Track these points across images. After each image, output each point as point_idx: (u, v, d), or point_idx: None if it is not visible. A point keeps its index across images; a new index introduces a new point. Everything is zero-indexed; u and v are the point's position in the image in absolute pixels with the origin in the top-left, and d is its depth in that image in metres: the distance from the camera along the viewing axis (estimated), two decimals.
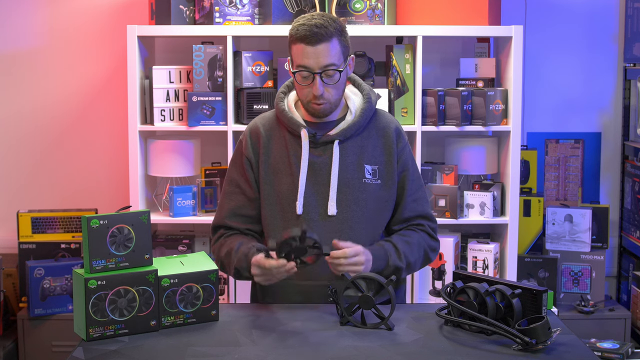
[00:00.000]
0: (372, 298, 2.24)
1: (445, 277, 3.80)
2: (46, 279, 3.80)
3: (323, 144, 2.49)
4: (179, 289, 2.27)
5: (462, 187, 3.84)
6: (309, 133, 2.48)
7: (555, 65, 4.25)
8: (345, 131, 2.49)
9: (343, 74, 2.43)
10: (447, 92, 3.74)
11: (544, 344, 2.06)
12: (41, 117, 4.19)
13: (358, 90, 2.58)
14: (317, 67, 2.38)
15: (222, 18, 3.70)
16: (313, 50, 2.36)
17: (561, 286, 4.08)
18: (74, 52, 4.16)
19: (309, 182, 2.48)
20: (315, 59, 2.37)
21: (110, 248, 2.19)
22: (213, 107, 3.69)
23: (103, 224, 2.17)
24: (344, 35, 2.43)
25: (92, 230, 2.16)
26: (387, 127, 2.55)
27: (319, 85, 2.39)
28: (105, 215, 2.19)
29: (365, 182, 2.50)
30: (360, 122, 2.50)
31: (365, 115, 2.51)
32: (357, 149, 2.51)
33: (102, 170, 4.22)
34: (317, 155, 2.49)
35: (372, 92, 2.56)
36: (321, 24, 2.36)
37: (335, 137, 2.48)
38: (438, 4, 3.71)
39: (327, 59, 2.37)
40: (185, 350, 2.10)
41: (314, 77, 2.39)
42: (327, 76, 2.39)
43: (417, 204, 2.59)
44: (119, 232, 2.19)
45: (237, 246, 2.49)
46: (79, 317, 2.17)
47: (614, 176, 4.30)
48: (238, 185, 2.57)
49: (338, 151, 2.48)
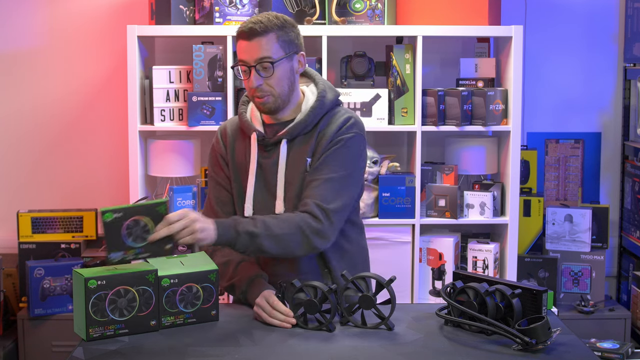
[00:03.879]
0: (372, 298, 2.24)
1: (445, 277, 3.80)
2: (46, 279, 3.80)
3: (272, 145, 2.52)
4: (179, 289, 2.27)
5: (462, 187, 3.84)
6: (259, 136, 2.52)
7: (555, 65, 4.25)
8: (292, 130, 2.50)
9: (283, 66, 2.43)
10: (447, 92, 3.74)
11: (544, 344, 2.06)
12: (41, 117, 4.19)
13: (316, 89, 2.57)
14: (251, 60, 2.41)
15: (222, 18, 3.70)
16: (248, 45, 2.41)
17: (561, 286, 4.08)
18: (74, 52, 4.16)
19: (259, 183, 2.53)
20: (250, 52, 2.41)
21: (126, 240, 2.18)
22: (213, 107, 3.70)
23: (117, 217, 2.15)
24: (286, 31, 2.44)
25: (106, 223, 2.14)
26: (336, 119, 2.51)
27: (254, 78, 2.41)
28: (120, 207, 2.16)
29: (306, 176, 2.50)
30: (307, 120, 2.49)
31: (314, 113, 2.49)
32: (302, 145, 2.51)
33: (102, 170, 4.22)
34: (266, 157, 2.52)
35: (329, 91, 2.54)
36: (259, 20, 2.41)
37: (282, 136, 2.50)
38: (438, 4, 3.71)
39: (261, 52, 2.40)
40: (185, 350, 2.10)
41: (250, 70, 2.42)
42: (262, 69, 2.41)
43: (316, 184, 2.43)
44: (135, 224, 2.18)
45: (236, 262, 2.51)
46: (79, 317, 2.17)
47: (614, 176, 4.30)
48: (218, 182, 2.61)
49: (285, 150, 2.50)
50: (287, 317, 2.28)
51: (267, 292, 2.36)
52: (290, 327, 2.27)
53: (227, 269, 2.50)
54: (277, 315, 2.29)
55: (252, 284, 2.44)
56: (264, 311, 2.32)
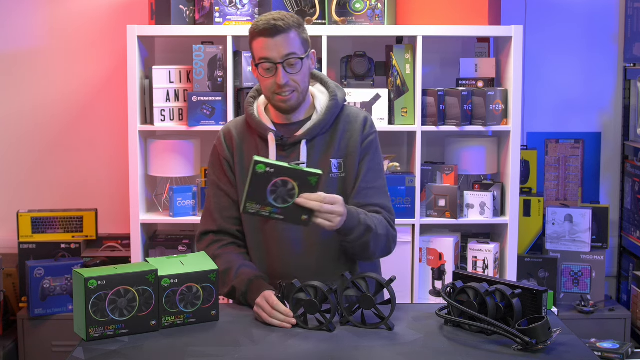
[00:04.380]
0: (372, 298, 2.24)
1: (445, 277, 3.80)
2: (46, 279, 3.80)
3: (291, 146, 2.51)
4: (179, 289, 2.27)
5: (462, 187, 3.84)
6: (276, 136, 2.50)
7: (555, 65, 4.25)
8: (311, 130, 2.50)
9: (305, 63, 2.45)
10: (447, 92, 3.74)
11: (544, 344, 2.06)
12: (41, 117, 4.19)
13: (325, 89, 2.59)
14: (278, 57, 2.40)
15: (222, 18, 3.70)
16: (273, 42, 2.40)
17: (561, 286, 4.08)
18: (74, 52, 4.16)
19: None
20: (276, 49, 2.40)
21: (269, 196, 2.17)
22: (213, 107, 3.70)
23: (268, 172, 2.15)
24: (302, 29, 2.47)
25: (256, 174, 2.15)
26: (353, 121, 2.55)
27: (282, 74, 2.41)
28: (275, 163, 2.16)
29: (332, 177, 2.51)
30: (326, 119, 2.51)
31: (331, 112, 2.51)
32: (323, 147, 2.52)
33: (102, 170, 4.22)
34: (285, 157, 2.50)
35: (338, 90, 2.57)
36: (279, 17, 2.42)
37: (301, 137, 2.50)
38: (438, 4, 3.71)
39: (288, 49, 2.40)
40: (185, 350, 2.10)
41: (276, 67, 2.41)
42: (289, 65, 2.42)
43: (373, 192, 2.53)
44: (283, 184, 2.17)
45: (237, 267, 2.50)
46: (79, 317, 2.17)
47: (614, 176, 4.30)
48: (220, 187, 2.59)
49: (305, 151, 2.50)
50: (287, 317, 2.28)
51: (267, 293, 2.36)
52: (291, 327, 2.27)
53: (227, 276, 2.49)
54: (277, 316, 2.29)
55: (252, 285, 2.44)
56: (264, 311, 2.32)
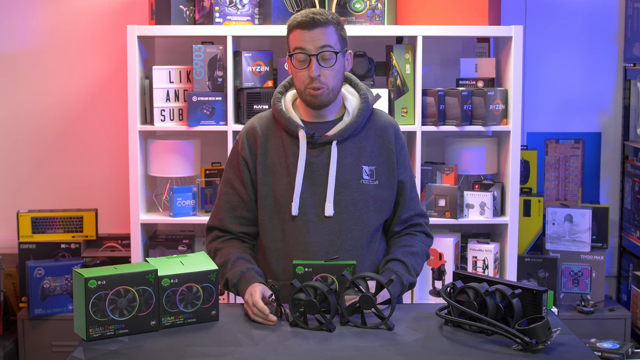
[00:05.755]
0: (372, 298, 2.24)
1: (445, 277, 3.80)
2: (46, 279, 3.80)
3: (321, 145, 2.49)
4: (179, 289, 2.27)
5: (462, 187, 3.84)
6: (307, 134, 2.48)
7: (555, 65, 4.25)
8: (343, 131, 2.49)
9: (339, 59, 2.45)
10: (447, 92, 3.74)
11: (544, 344, 2.06)
12: (41, 117, 4.19)
13: (355, 91, 2.58)
14: (313, 48, 2.40)
15: (222, 18, 3.70)
16: (309, 34, 2.41)
17: (561, 286, 4.08)
18: (74, 52, 4.16)
19: (306, 182, 2.48)
20: (312, 41, 2.41)
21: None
22: (213, 107, 3.69)
23: (308, 272, 2.33)
24: (341, 27, 2.48)
25: (297, 275, 2.32)
26: (385, 128, 2.56)
27: (315, 66, 2.40)
28: (312, 263, 2.36)
29: (363, 183, 2.50)
30: (358, 122, 2.50)
31: (362, 115, 2.51)
32: (354, 150, 2.51)
33: (102, 170, 4.22)
34: (315, 155, 2.48)
35: (369, 92, 2.56)
36: (318, 12, 2.43)
37: (333, 137, 2.48)
38: (438, 4, 3.71)
39: (323, 41, 2.41)
40: (185, 350, 2.10)
41: (310, 59, 2.41)
42: (323, 59, 2.41)
43: (414, 203, 2.63)
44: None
45: (233, 259, 2.50)
46: (79, 317, 2.17)
47: (614, 176, 4.30)
48: (233, 186, 2.57)
49: (336, 152, 2.48)
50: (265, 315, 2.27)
51: (253, 287, 2.35)
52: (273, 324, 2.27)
53: (224, 268, 2.50)
54: (258, 313, 2.29)
55: (242, 278, 2.44)
56: (249, 308, 2.33)
